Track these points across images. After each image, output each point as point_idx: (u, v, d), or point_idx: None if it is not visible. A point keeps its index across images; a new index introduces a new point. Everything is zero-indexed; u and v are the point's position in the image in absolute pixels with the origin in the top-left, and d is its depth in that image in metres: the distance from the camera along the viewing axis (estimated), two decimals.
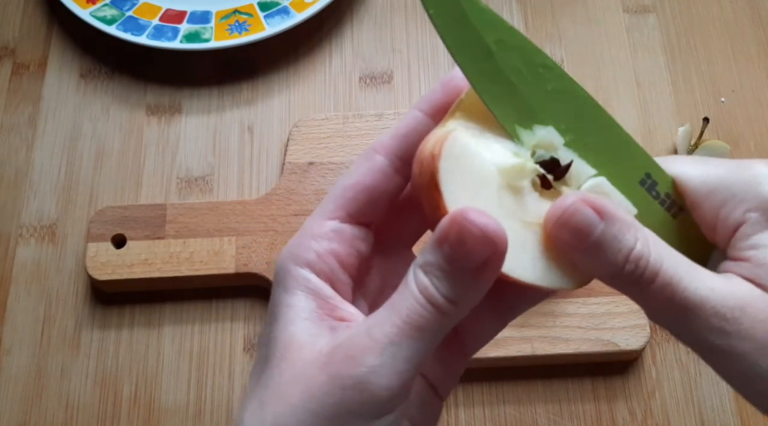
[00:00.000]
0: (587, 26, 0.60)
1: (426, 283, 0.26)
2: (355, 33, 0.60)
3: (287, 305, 0.28)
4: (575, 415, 0.47)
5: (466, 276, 0.25)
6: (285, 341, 0.28)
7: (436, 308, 0.26)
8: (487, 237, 0.24)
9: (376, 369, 0.25)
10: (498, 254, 0.25)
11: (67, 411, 0.48)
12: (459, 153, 0.27)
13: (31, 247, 0.52)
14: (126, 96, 0.58)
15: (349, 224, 0.29)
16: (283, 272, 0.29)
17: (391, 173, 0.29)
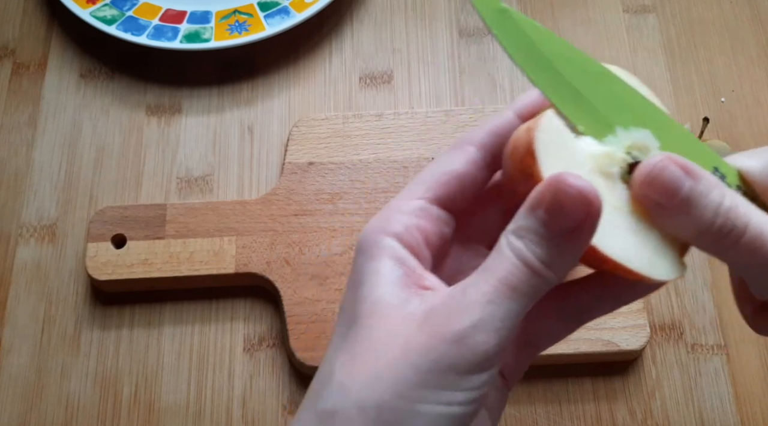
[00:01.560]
0: (587, 26, 0.60)
1: (521, 246, 0.27)
2: (355, 33, 0.60)
3: (373, 271, 0.29)
4: (575, 415, 0.47)
5: (561, 239, 0.26)
6: (373, 301, 0.29)
7: (531, 270, 0.27)
8: (583, 196, 0.25)
9: (476, 325, 0.26)
10: (592, 216, 0.26)
11: (67, 411, 0.48)
12: (555, 129, 0.28)
13: (31, 247, 0.52)
14: (126, 96, 0.58)
15: (436, 206, 0.31)
16: (370, 242, 0.30)
17: (481, 165, 0.31)
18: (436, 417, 0.27)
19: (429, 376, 0.27)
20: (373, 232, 0.30)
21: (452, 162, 0.31)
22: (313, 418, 0.28)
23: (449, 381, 0.27)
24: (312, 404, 0.29)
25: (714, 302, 0.50)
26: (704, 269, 0.51)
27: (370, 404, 0.27)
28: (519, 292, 0.27)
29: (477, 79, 0.58)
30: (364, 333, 0.28)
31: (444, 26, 0.60)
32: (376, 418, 0.27)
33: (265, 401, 0.48)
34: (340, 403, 0.28)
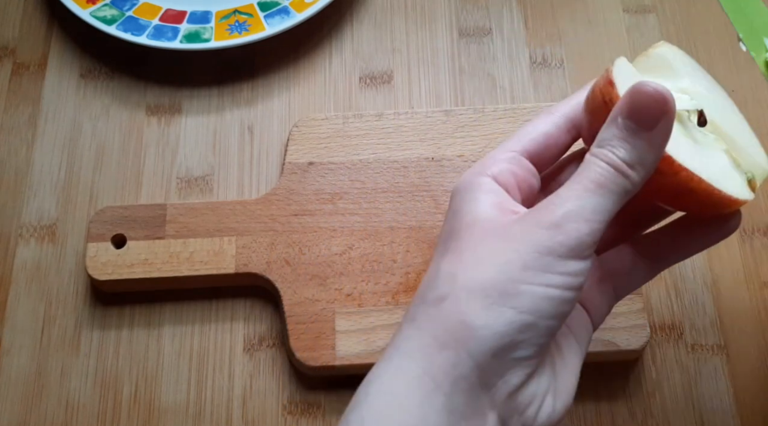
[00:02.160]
0: (587, 26, 0.60)
1: (605, 152, 0.30)
2: (355, 33, 0.60)
3: (472, 199, 0.33)
4: (575, 415, 0.47)
5: (641, 137, 0.30)
6: (473, 217, 0.32)
7: (615, 169, 0.30)
8: (660, 94, 0.29)
9: (569, 214, 0.30)
10: (668, 114, 0.29)
11: (67, 411, 0.48)
12: (629, 69, 0.33)
13: (31, 247, 0.52)
14: (126, 96, 0.58)
15: (526, 158, 0.35)
16: (467, 182, 0.34)
17: (563, 128, 0.35)
18: (538, 296, 0.30)
19: (529, 258, 0.30)
20: (471, 174, 0.34)
21: (540, 123, 0.35)
22: (423, 308, 0.31)
23: (548, 263, 0.30)
24: (421, 298, 0.32)
25: (714, 302, 0.51)
26: (704, 269, 0.51)
27: (477, 286, 0.30)
28: (606, 189, 0.30)
29: (477, 79, 0.58)
30: (465, 237, 0.32)
31: (444, 26, 0.60)
32: (484, 297, 0.30)
33: (265, 401, 0.48)
34: (449, 289, 0.31)
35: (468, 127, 0.54)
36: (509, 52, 0.59)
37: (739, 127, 0.35)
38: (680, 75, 0.35)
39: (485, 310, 0.30)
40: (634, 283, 0.37)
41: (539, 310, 0.30)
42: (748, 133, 0.35)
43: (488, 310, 0.30)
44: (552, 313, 0.30)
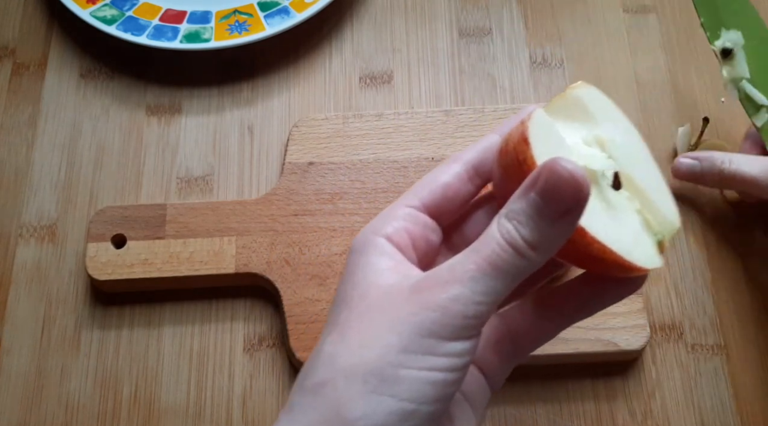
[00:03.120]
0: (587, 26, 0.60)
1: (509, 227, 0.28)
2: (355, 33, 0.60)
3: (365, 263, 0.32)
4: (575, 415, 0.47)
5: (548, 220, 0.28)
6: (365, 286, 0.31)
7: (516, 251, 0.28)
8: (575, 180, 0.27)
9: (457, 297, 0.28)
10: (581, 200, 0.27)
11: (67, 411, 0.48)
12: (546, 122, 0.30)
13: (31, 247, 0.52)
14: (126, 96, 0.58)
15: (424, 214, 0.33)
16: (363, 241, 0.32)
17: (465, 178, 0.33)
18: (419, 381, 0.28)
19: (411, 341, 0.28)
20: (366, 233, 0.33)
21: (440, 174, 0.34)
22: (300, 395, 0.30)
23: (431, 345, 0.28)
24: (302, 381, 0.30)
25: (714, 302, 0.51)
26: (704, 269, 0.51)
27: (357, 371, 0.28)
28: (501, 271, 0.28)
29: (477, 79, 0.58)
30: (354, 312, 0.30)
31: (444, 26, 0.60)
32: (363, 384, 0.28)
33: (265, 401, 0.48)
34: (328, 374, 0.29)
35: (468, 127, 0.54)
36: (509, 52, 0.59)
37: (652, 178, 0.34)
38: (597, 120, 0.33)
39: (364, 398, 0.28)
40: (537, 342, 0.34)
41: (421, 396, 0.28)
42: (660, 183, 0.34)
43: (367, 398, 0.28)
44: (435, 398, 0.28)
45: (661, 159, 0.55)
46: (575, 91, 0.34)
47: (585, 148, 0.32)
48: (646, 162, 0.34)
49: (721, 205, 0.54)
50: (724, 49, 0.46)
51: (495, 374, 0.34)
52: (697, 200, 0.54)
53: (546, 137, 0.30)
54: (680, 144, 0.55)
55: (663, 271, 0.51)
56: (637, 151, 0.34)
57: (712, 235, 0.53)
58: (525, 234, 0.28)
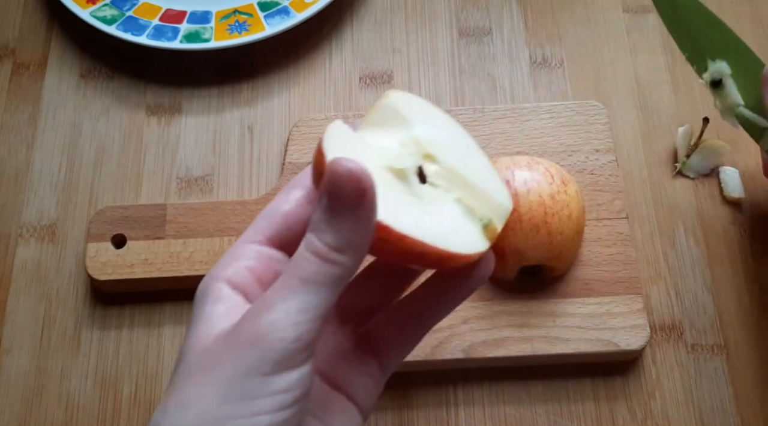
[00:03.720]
0: (587, 26, 0.60)
1: (311, 238, 0.27)
2: (355, 33, 0.60)
3: (201, 313, 0.30)
4: (575, 415, 0.47)
5: (344, 218, 0.27)
6: (196, 338, 0.29)
7: (321, 258, 0.27)
8: (353, 174, 0.26)
9: (271, 323, 0.26)
10: (366, 190, 0.26)
11: (66, 411, 0.48)
12: (341, 129, 0.31)
13: (31, 247, 0.52)
14: (126, 96, 0.58)
15: (268, 247, 0.32)
16: (202, 290, 0.31)
17: (305, 203, 0.32)
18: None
19: (231, 389, 0.26)
20: (206, 280, 0.31)
21: (278, 204, 0.32)
22: None
23: (252, 387, 0.26)
24: None
25: (714, 303, 0.50)
26: (704, 269, 0.51)
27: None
28: (312, 283, 0.27)
29: (477, 79, 0.58)
30: (181, 370, 0.28)
31: (444, 26, 0.60)
32: None
33: None
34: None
35: (468, 127, 0.53)
36: (509, 52, 0.59)
37: (479, 168, 0.34)
38: (412, 123, 0.33)
39: None
40: (402, 353, 0.33)
41: None
42: (489, 173, 0.34)
43: None
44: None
45: (661, 159, 0.55)
46: (387, 100, 0.33)
47: (394, 149, 0.32)
48: (470, 153, 0.34)
49: (721, 205, 0.54)
50: (713, 81, 0.46)
51: (364, 397, 0.32)
52: (697, 200, 0.54)
53: (342, 144, 0.30)
54: (680, 144, 0.55)
55: (663, 271, 0.51)
56: (459, 144, 0.34)
57: (712, 235, 0.53)
58: (326, 239, 0.27)
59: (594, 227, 0.50)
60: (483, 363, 0.47)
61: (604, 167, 0.52)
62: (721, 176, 0.54)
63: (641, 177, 0.54)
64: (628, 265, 0.49)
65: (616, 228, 0.50)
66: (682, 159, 0.54)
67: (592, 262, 0.49)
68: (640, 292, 0.48)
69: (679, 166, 0.54)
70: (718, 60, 0.45)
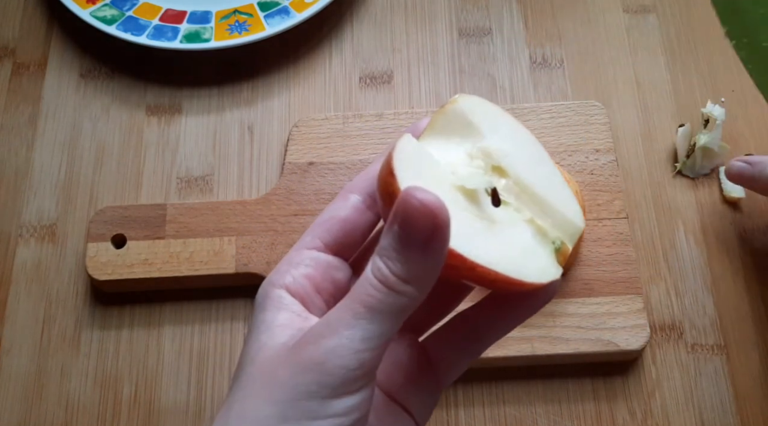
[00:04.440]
0: (587, 26, 0.60)
1: (380, 265, 0.27)
2: (355, 33, 0.60)
3: (261, 321, 0.30)
4: (575, 415, 0.47)
5: (415, 251, 0.26)
6: (257, 348, 0.29)
7: (389, 288, 0.26)
8: (427, 208, 0.25)
9: (334, 349, 0.26)
10: (439, 226, 0.26)
11: (67, 411, 0.48)
12: (413, 148, 0.29)
13: (31, 247, 0.52)
14: (126, 96, 0.58)
15: (325, 254, 0.31)
16: (262, 296, 0.31)
17: (363, 209, 0.32)
18: None
19: (290, 408, 0.26)
20: (265, 286, 0.31)
21: (336, 210, 0.32)
22: None
23: (311, 409, 0.26)
24: None
25: (714, 303, 0.50)
26: (704, 270, 0.51)
27: None
28: (378, 312, 0.26)
29: (477, 79, 0.58)
30: (241, 382, 0.28)
31: (444, 26, 0.60)
32: None
33: None
34: None
35: None
36: (509, 52, 0.59)
37: (549, 180, 0.32)
38: (481, 132, 0.32)
39: None
40: (460, 368, 0.33)
41: None
42: (560, 186, 0.32)
43: None
44: None
45: (661, 159, 0.55)
46: (454, 106, 0.32)
47: (464, 166, 0.31)
48: (541, 164, 0.32)
49: (721, 205, 0.54)
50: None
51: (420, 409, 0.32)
52: (697, 200, 0.54)
53: (413, 164, 0.29)
54: (680, 144, 0.55)
55: (663, 271, 0.51)
56: (530, 155, 0.32)
57: (712, 235, 0.53)
58: (395, 269, 0.26)
59: (594, 227, 0.50)
60: (483, 363, 0.47)
61: (604, 167, 0.52)
62: (721, 176, 0.54)
63: (641, 177, 0.54)
64: (628, 265, 0.49)
65: (616, 228, 0.50)
66: (682, 159, 0.54)
67: (592, 262, 0.49)
68: (640, 292, 0.48)
69: (679, 166, 0.54)
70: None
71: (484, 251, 0.28)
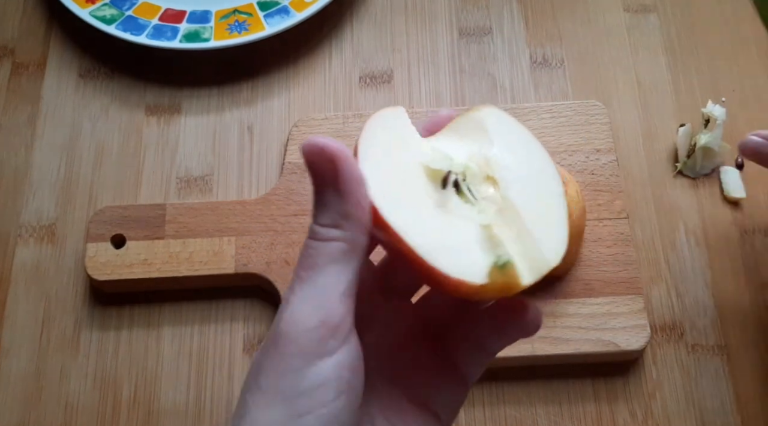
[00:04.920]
0: (588, 26, 0.60)
1: (310, 226, 0.28)
2: (355, 33, 0.60)
3: None
4: (576, 415, 0.47)
5: (328, 194, 0.28)
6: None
7: (318, 240, 0.28)
8: (321, 148, 0.27)
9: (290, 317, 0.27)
10: (340, 159, 0.27)
11: (66, 412, 0.48)
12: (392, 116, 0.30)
13: (31, 248, 0.52)
14: (125, 96, 0.57)
15: None
16: None
17: None
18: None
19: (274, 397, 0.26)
20: None
21: None
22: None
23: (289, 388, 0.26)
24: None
25: (714, 303, 0.50)
26: (705, 270, 0.51)
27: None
28: (318, 267, 0.27)
29: (477, 79, 0.58)
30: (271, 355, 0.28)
31: (444, 26, 0.60)
32: None
33: None
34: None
35: None
36: (509, 52, 0.59)
37: (544, 211, 0.30)
38: (492, 141, 0.31)
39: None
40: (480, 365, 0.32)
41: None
42: (553, 220, 0.30)
43: None
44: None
45: (662, 159, 0.55)
46: (478, 113, 0.32)
47: (446, 154, 0.31)
48: (544, 191, 0.31)
49: (722, 205, 0.54)
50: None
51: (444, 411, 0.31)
52: (698, 200, 0.54)
53: (384, 133, 0.29)
54: (681, 144, 0.55)
55: (663, 272, 0.51)
56: (534, 179, 0.31)
57: (712, 235, 0.52)
58: (319, 219, 0.28)
59: (594, 227, 0.50)
60: None
61: (604, 167, 0.52)
62: (721, 176, 0.54)
63: (642, 177, 0.54)
64: (629, 265, 0.49)
65: (617, 228, 0.50)
66: (682, 159, 0.54)
67: (592, 263, 0.49)
68: (641, 292, 0.48)
69: (680, 166, 0.54)
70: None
71: (415, 228, 0.28)
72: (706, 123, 0.54)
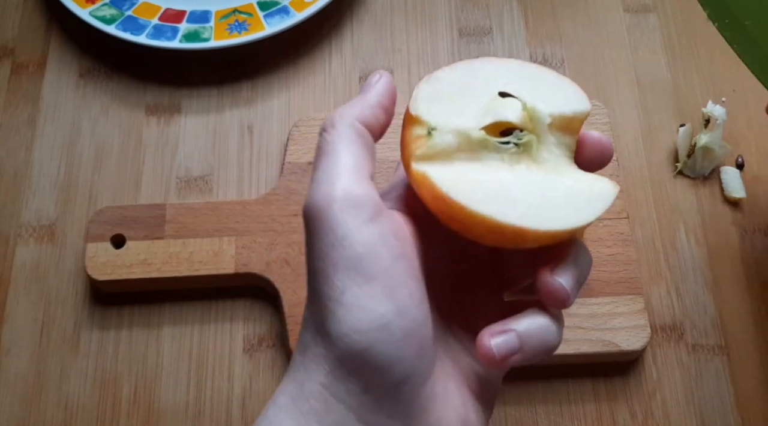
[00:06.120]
0: (587, 26, 0.60)
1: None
2: (355, 33, 0.60)
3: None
4: (576, 415, 0.47)
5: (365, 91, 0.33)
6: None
7: (348, 127, 0.32)
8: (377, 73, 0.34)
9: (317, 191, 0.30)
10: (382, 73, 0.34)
11: (66, 412, 0.48)
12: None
13: (30, 248, 0.52)
14: (125, 96, 0.57)
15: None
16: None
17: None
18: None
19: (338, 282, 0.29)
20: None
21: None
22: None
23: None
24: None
25: (715, 303, 0.50)
26: (705, 270, 0.51)
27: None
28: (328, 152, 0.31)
29: None
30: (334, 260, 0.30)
31: (444, 26, 0.60)
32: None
33: (265, 402, 0.48)
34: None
35: None
36: (509, 52, 0.59)
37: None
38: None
39: None
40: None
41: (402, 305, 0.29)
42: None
43: None
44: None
45: (662, 159, 0.55)
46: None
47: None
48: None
49: (722, 205, 0.53)
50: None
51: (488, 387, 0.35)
52: (698, 200, 0.54)
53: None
54: (681, 144, 0.55)
55: (664, 272, 0.51)
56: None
57: (712, 235, 0.52)
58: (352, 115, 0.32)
59: (594, 227, 0.50)
60: None
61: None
62: (721, 176, 0.54)
63: (642, 177, 0.54)
64: (629, 265, 0.49)
65: (617, 228, 0.50)
66: (682, 159, 0.54)
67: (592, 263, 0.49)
68: (641, 292, 0.48)
69: (680, 166, 0.54)
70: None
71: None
72: (706, 123, 0.54)
